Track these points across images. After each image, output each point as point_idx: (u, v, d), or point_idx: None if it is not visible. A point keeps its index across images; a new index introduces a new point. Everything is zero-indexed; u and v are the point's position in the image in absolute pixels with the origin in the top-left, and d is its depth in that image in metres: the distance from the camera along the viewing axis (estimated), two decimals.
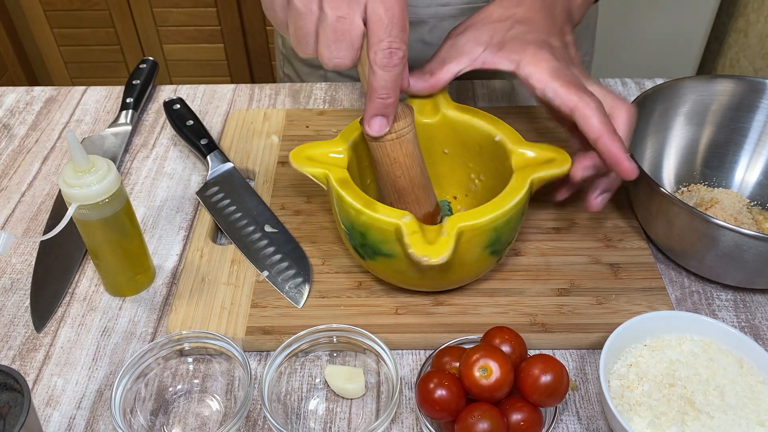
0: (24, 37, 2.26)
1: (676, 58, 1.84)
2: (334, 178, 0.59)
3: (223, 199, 0.73)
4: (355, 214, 0.57)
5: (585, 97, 0.58)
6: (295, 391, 0.59)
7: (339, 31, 0.51)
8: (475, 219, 0.56)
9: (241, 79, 2.32)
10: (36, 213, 0.76)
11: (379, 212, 0.56)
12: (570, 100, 0.58)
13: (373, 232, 0.57)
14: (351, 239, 0.60)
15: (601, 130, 0.58)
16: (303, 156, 0.61)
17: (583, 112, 0.58)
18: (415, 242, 0.54)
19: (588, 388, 0.59)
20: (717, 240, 0.60)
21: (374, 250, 0.58)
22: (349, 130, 0.63)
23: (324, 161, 0.61)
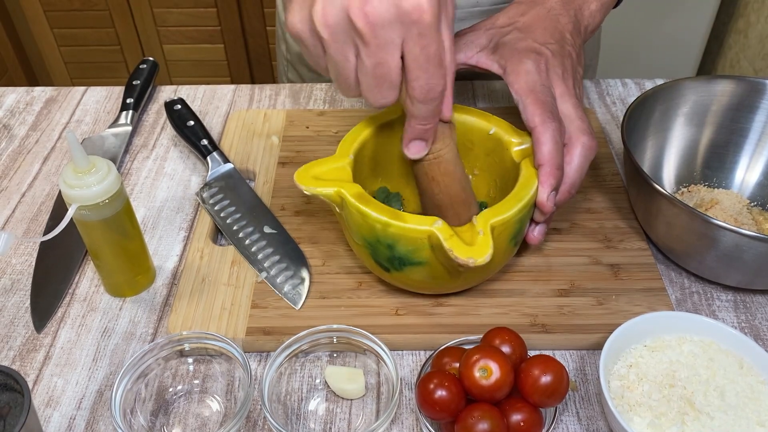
0: (24, 38, 2.26)
1: (676, 58, 1.84)
2: (350, 195, 0.57)
3: (223, 200, 0.73)
4: (383, 228, 0.56)
5: (547, 121, 0.60)
6: (295, 391, 0.59)
7: (378, 76, 0.51)
8: (503, 213, 0.56)
9: (242, 80, 2.32)
10: (36, 213, 0.76)
11: (408, 222, 0.55)
12: (532, 120, 0.60)
13: (402, 242, 0.56)
14: (375, 254, 0.59)
15: (545, 159, 0.59)
16: (309, 176, 0.59)
17: (539, 136, 0.59)
18: (456, 246, 0.53)
19: (588, 389, 0.59)
20: (717, 241, 0.60)
21: (403, 260, 0.58)
22: (347, 141, 0.62)
23: (331, 178, 0.59)
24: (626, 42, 1.79)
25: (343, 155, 0.61)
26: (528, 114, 0.61)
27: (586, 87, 0.92)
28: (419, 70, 0.51)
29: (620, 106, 0.89)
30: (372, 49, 0.50)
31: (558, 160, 0.60)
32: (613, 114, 0.88)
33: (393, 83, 0.52)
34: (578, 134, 0.62)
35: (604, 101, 0.90)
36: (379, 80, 0.52)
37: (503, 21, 0.68)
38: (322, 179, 0.59)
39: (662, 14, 1.76)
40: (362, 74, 0.52)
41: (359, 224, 0.57)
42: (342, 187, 0.58)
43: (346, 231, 0.62)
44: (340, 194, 0.58)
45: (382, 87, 0.52)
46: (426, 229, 0.55)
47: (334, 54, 0.51)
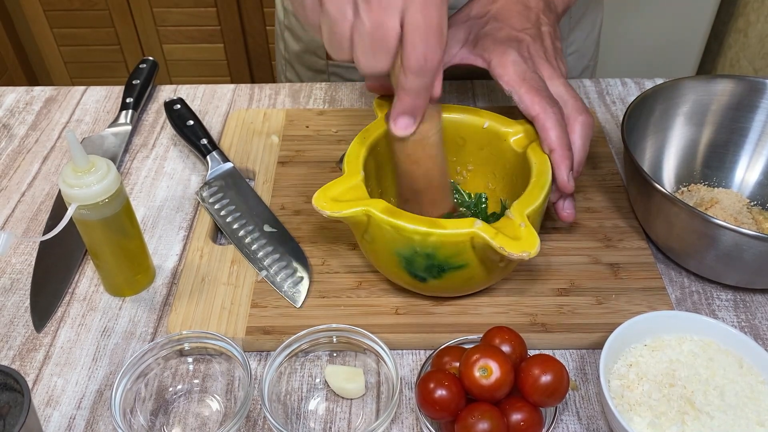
0: (24, 37, 2.26)
1: (676, 58, 1.84)
2: (378, 211, 0.55)
3: (223, 199, 0.73)
4: (422, 238, 0.55)
5: (547, 108, 0.60)
6: (295, 391, 0.59)
7: (376, 38, 0.50)
8: (534, 202, 0.57)
9: (241, 79, 2.32)
10: (36, 213, 0.76)
11: (448, 227, 0.54)
12: (533, 108, 0.60)
13: (443, 249, 0.55)
14: (410, 267, 0.58)
15: (556, 144, 0.60)
16: (328, 200, 0.57)
17: (543, 123, 0.60)
18: (505, 243, 0.53)
19: (588, 388, 0.59)
20: (717, 240, 0.60)
21: (443, 267, 0.57)
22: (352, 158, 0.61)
23: (350, 198, 0.57)
24: (626, 42, 1.79)
25: (354, 173, 0.59)
26: (526, 104, 0.61)
27: (585, 86, 0.92)
28: (419, 38, 0.50)
29: (620, 105, 0.89)
30: (373, 7, 0.48)
31: (567, 141, 0.60)
32: (613, 113, 0.88)
33: (389, 48, 0.51)
34: (575, 114, 0.62)
35: (604, 101, 0.90)
36: (376, 43, 0.50)
37: (477, 11, 0.67)
38: (342, 200, 0.57)
39: (662, 14, 1.76)
40: (358, 35, 0.50)
41: (392, 239, 0.56)
42: (367, 205, 0.56)
43: (373, 250, 0.60)
44: (367, 212, 0.56)
45: (378, 51, 0.51)
46: (468, 232, 0.54)
47: (331, 7, 0.50)
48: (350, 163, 0.60)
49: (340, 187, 0.58)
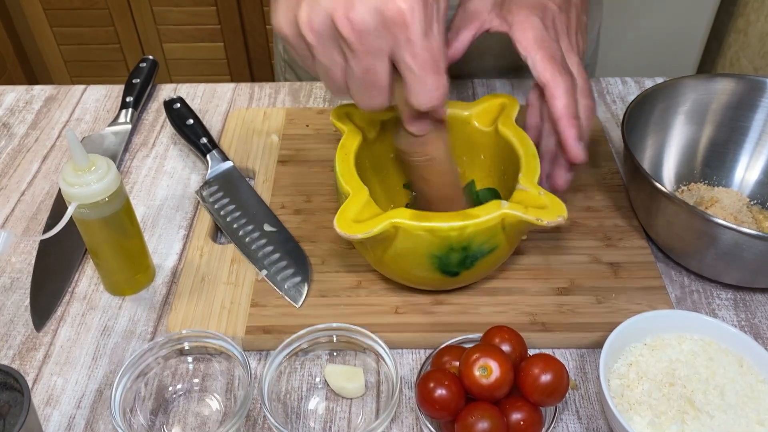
0: (24, 36, 2.26)
1: (676, 57, 1.84)
2: (408, 219, 0.55)
3: (223, 198, 0.73)
4: (458, 233, 0.55)
5: (558, 76, 0.60)
6: (295, 390, 0.59)
7: (367, 82, 0.50)
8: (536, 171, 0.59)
9: (241, 78, 2.32)
10: (36, 212, 0.76)
11: (480, 215, 0.55)
12: (544, 75, 0.60)
13: (478, 237, 0.55)
14: (444, 265, 0.57)
15: (563, 112, 0.59)
16: (351, 223, 0.55)
17: (552, 91, 0.60)
18: (537, 213, 0.55)
19: (588, 388, 0.59)
20: (717, 239, 0.59)
21: (476, 256, 0.57)
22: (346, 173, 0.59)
23: (370, 215, 0.56)
24: (626, 41, 1.79)
25: (359, 191, 0.58)
26: (538, 69, 0.60)
27: None
28: (416, 82, 0.50)
29: (620, 104, 0.89)
30: (359, 56, 0.48)
31: (574, 110, 0.60)
32: (613, 112, 0.88)
33: (382, 89, 0.51)
34: (580, 97, 0.62)
35: (604, 100, 0.90)
36: (368, 86, 0.51)
37: None
38: (363, 220, 0.55)
39: (662, 13, 1.76)
40: (350, 79, 0.51)
41: (426, 243, 0.55)
42: (392, 216, 0.55)
43: (399, 261, 0.58)
44: (395, 225, 0.55)
45: (372, 92, 0.51)
46: (499, 214, 0.55)
47: (321, 58, 0.50)
48: (349, 182, 0.58)
49: (353, 207, 0.56)
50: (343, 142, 0.62)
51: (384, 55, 0.49)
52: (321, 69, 0.52)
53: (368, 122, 0.65)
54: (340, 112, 0.66)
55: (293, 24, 0.50)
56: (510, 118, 0.65)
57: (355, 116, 0.65)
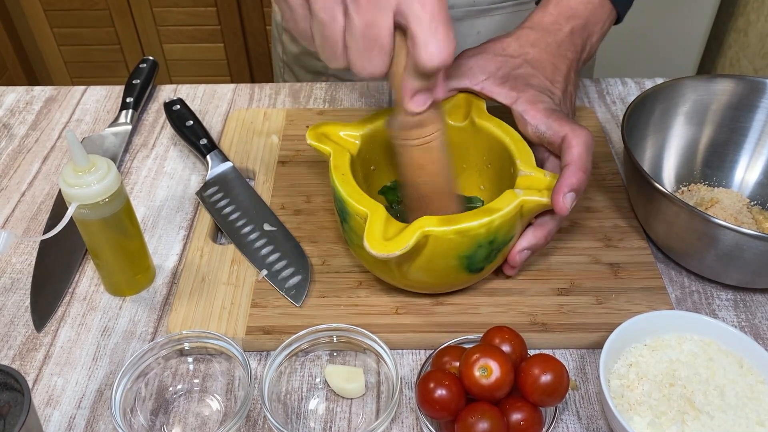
0: (24, 37, 2.26)
1: (676, 57, 1.84)
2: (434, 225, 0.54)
3: (223, 199, 0.73)
4: (486, 229, 0.55)
5: (577, 129, 0.60)
6: (295, 390, 0.59)
7: (369, 38, 0.48)
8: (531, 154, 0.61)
9: (241, 79, 2.32)
10: (36, 212, 0.76)
11: (503, 207, 0.56)
12: (562, 129, 0.60)
13: (502, 229, 0.57)
14: (471, 263, 0.58)
15: (574, 158, 0.58)
16: (383, 241, 0.53)
17: (570, 141, 0.59)
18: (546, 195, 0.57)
19: (588, 388, 0.59)
20: (717, 239, 0.60)
21: (499, 248, 0.58)
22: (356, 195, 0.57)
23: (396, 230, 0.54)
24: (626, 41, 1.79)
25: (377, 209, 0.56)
26: (555, 128, 0.60)
27: (585, 86, 0.92)
28: (426, 33, 0.47)
29: (620, 105, 0.89)
30: (362, 6, 0.46)
31: (586, 164, 0.58)
32: (613, 113, 0.88)
33: (384, 48, 0.49)
34: None
35: (604, 100, 0.90)
36: (370, 43, 0.48)
37: (514, 50, 0.66)
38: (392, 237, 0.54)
39: (662, 13, 1.76)
40: (350, 36, 0.48)
41: (456, 245, 0.55)
42: (421, 226, 0.54)
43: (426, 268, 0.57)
44: (426, 234, 0.54)
45: (372, 51, 0.49)
46: (518, 202, 0.56)
47: (320, 12, 0.48)
48: (361, 202, 0.56)
49: (377, 226, 0.55)
50: (334, 163, 0.60)
51: (389, 8, 0.47)
52: (318, 29, 0.49)
53: (346, 138, 0.63)
54: (316, 132, 0.63)
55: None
56: (482, 109, 0.65)
57: (333, 135, 0.63)
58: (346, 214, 0.58)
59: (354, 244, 0.60)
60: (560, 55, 0.67)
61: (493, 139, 0.64)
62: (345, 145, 0.63)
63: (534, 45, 0.67)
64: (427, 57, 0.48)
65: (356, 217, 0.57)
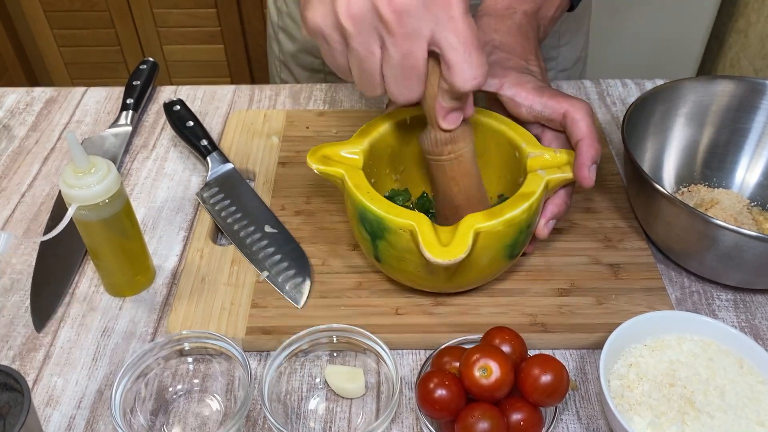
0: (24, 38, 2.26)
1: (676, 58, 1.84)
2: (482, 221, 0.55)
3: (223, 200, 0.73)
4: (527, 214, 0.57)
5: (576, 102, 0.61)
6: (295, 390, 0.59)
7: (406, 68, 0.50)
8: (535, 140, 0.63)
9: (241, 80, 2.32)
10: (36, 213, 0.76)
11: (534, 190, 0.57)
12: (561, 107, 0.61)
13: (535, 210, 0.58)
14: (513, 251, 0.59)
15: (585, 132, 0.60)
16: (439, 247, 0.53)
17: (574, 116, 0.61)
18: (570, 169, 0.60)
19: (588, 388, 0.59)
20: (717, 240, 0.60)
21: (532, 229, 0.60)
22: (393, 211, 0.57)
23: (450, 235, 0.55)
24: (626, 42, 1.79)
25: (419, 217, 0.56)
26: (553, 106, 0.62)
27: (585, 87, 0.93)
28: (461, 59, 0.50)
29: (620, 106, 0.89)
30: (399, 39, 0.48)
31: (595, 132, 0.61)
32: (613, 114, 0.88)
33: (420, 75, 0.51)
34: None
35: (604, 101, 0.90)
36: (407, 72, 0.50)
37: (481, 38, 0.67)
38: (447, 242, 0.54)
39: (662, 14, 1.76)
40: (388, 67, 0.50)
41: (503, 236, 0.56)
42: (473, 223, 0.55)
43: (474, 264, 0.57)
44: (478, 230, 0.55)
45: (410, 79, 0.51)
46: (545, 182, 0.59)
47: (359, 47, 0.50)
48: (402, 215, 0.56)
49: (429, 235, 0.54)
50: (354, 183, 0.58)
51: (423, 39, 0.49)
52: (356, 62, 0.51)
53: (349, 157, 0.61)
54: (317, 157, 0.61)
55: (330, 14, 0.49)
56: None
57: (334, 156, 0.61)
58: (383, 231, 0.57)
59: (390, 261, 0.59)
60: (523, 35, 0.68)
61: (489, 130, 0.65)
62: (351, 164, 0.61)
63: (496, 30, 0.68)
64: (463, 81, 0.51)
65: (399, 231, 0.56)
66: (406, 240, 0.56)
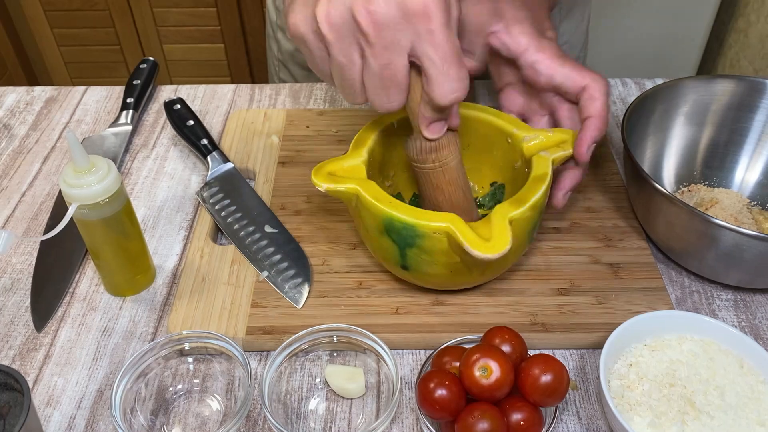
0: (24, 37, 2.26)
1: (676, 58, 1.84)
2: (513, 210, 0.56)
3: (223, 199, 0.73)
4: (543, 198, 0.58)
5: (596, 78, 0.62)
6: (296, 390, 0.59)
7: (385, 78, 0.50)
8: None
9: (242, 79, 2.32)
10: (36, 213, 0.76)
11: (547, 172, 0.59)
12: (582, 79, 0.62)
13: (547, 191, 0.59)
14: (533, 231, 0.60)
15: (598, 112, 0.61)
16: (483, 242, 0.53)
17: (592, 93, 0.62)
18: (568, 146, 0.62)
19: (588, 388, 0.59)
20: (717, 240, 0.60)
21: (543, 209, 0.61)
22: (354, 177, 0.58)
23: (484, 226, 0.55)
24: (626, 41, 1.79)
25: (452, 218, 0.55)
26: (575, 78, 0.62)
27: None
28: (439, 73, 0.49)
29: (620, 105, 0.89)
30: (378, 50, 0.48)
31: (606, 115, 0.61)
32: (614, 113, 0.88)
33: (400, 86, 0.51)
34: None
35: None
36: (386, 82, 0.50)
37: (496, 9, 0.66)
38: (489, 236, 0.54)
39: (662, 13, 1.76)
40: (368, 77, 0.50)
41: (528, 219, 0.58)
42: (504, 216, 0.55)
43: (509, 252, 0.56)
44: (511, 219, 0.55)
45: (390, 90, 0.51)
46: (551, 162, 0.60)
47: (338, 55, 0.50)
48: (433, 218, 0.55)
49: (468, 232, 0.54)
50: (372, 195, 0.57)
51: (403, 50, 0.48)
52: (337, 70, 0.51)
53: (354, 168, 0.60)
54: (322, 176, 0.59)
55: (310, 20, 0.49)
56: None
57: (339, 171, 0.60)
58: (415, 238, 0.56)
59: (420, 267, 0.58)
60: (538, 5, 0.68)
61: (474, 121, 0.66)
62: (359, 176, 0.59)
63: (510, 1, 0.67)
64: (442, 95, 0.51)
65: (434, 235, 0.55)
66: (441, 243, 0.55)
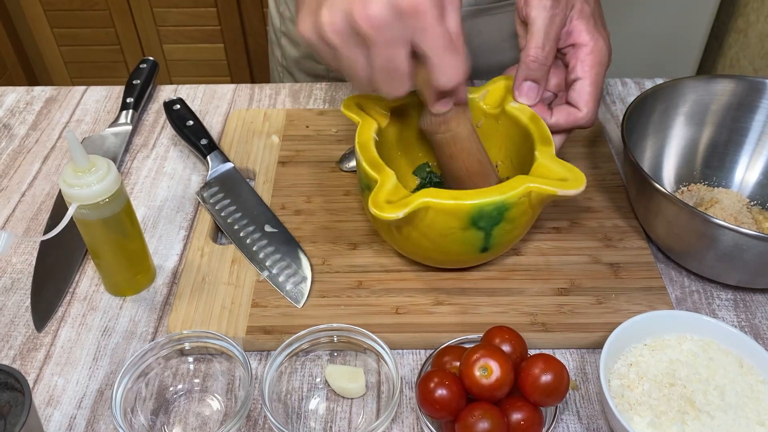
0: (24, 37, 2.26)
1: (676, 58, 1.84)
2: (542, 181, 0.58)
3: (224, 199, 0.73)
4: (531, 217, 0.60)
5: (600, 40, 0.64)
6: (296, 390, 0.59)
7: (390, 71, 0.53)
8: None
9: (241, 79, 2.32)
10: (36, 213, 0.76)
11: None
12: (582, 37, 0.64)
13: None
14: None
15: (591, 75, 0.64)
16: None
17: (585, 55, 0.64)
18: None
19: (588, 388, 0.59)
20: (717, 240, 0.60)
21: None
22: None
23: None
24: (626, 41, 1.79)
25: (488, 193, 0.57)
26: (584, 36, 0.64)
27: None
28: (436, 64, 0.53)
29: (620, 105, 0.89)
30: (379, 49, 0.51)
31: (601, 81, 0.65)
32: (613, 113, 0.88)
33: (403, 76, 0.54)
34: None
35: (604, 100, 0.90)
36: (390, 74, 0.53)
37: None
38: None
39: (662, 13, 1.76)
40: (374, 71, 0.54)
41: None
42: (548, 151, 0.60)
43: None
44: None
45: (394, 80, 0.54)
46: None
47: (345, 57, 0.53)
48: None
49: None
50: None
51: (402, 44, 0.52)
52: (346, 68, 0.55)
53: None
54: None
55: (316, 28, 0.53)
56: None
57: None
58: (504, 212, 0.58)
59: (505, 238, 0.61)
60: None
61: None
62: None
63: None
64: (443, 80, 0.54)
65: (519, 201, 0.58)
66: (524, 205, 0.58)
